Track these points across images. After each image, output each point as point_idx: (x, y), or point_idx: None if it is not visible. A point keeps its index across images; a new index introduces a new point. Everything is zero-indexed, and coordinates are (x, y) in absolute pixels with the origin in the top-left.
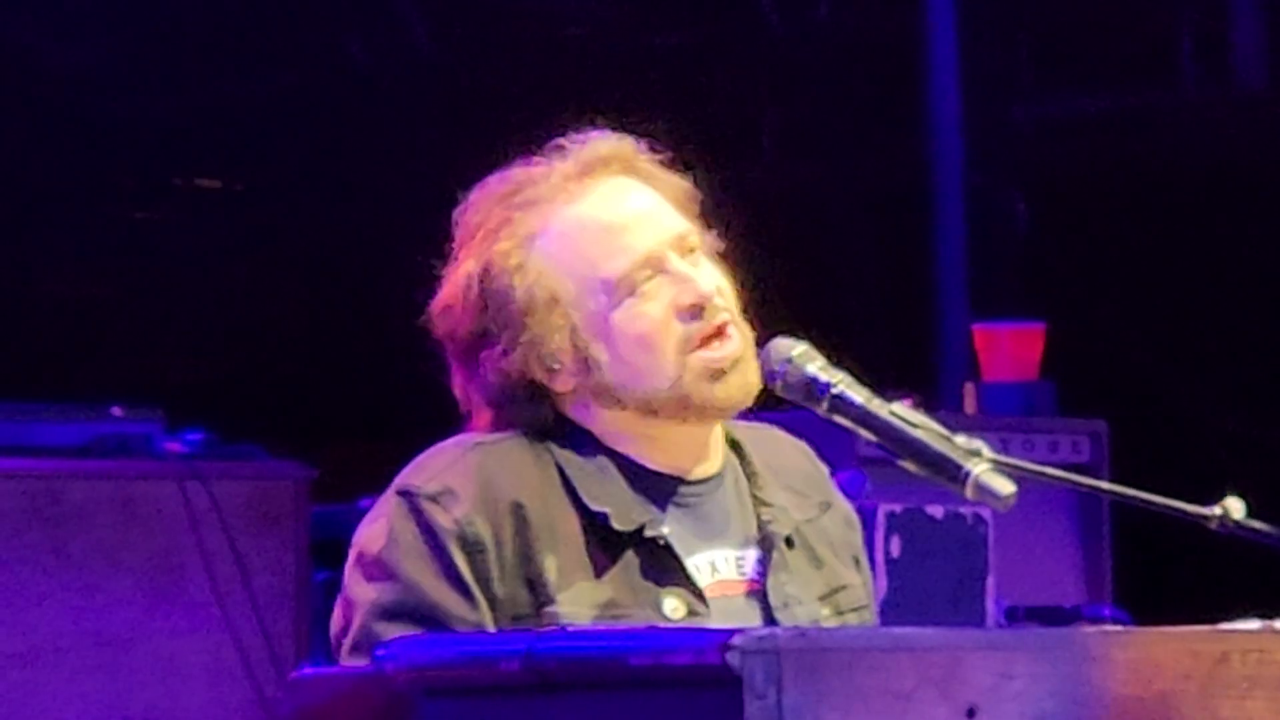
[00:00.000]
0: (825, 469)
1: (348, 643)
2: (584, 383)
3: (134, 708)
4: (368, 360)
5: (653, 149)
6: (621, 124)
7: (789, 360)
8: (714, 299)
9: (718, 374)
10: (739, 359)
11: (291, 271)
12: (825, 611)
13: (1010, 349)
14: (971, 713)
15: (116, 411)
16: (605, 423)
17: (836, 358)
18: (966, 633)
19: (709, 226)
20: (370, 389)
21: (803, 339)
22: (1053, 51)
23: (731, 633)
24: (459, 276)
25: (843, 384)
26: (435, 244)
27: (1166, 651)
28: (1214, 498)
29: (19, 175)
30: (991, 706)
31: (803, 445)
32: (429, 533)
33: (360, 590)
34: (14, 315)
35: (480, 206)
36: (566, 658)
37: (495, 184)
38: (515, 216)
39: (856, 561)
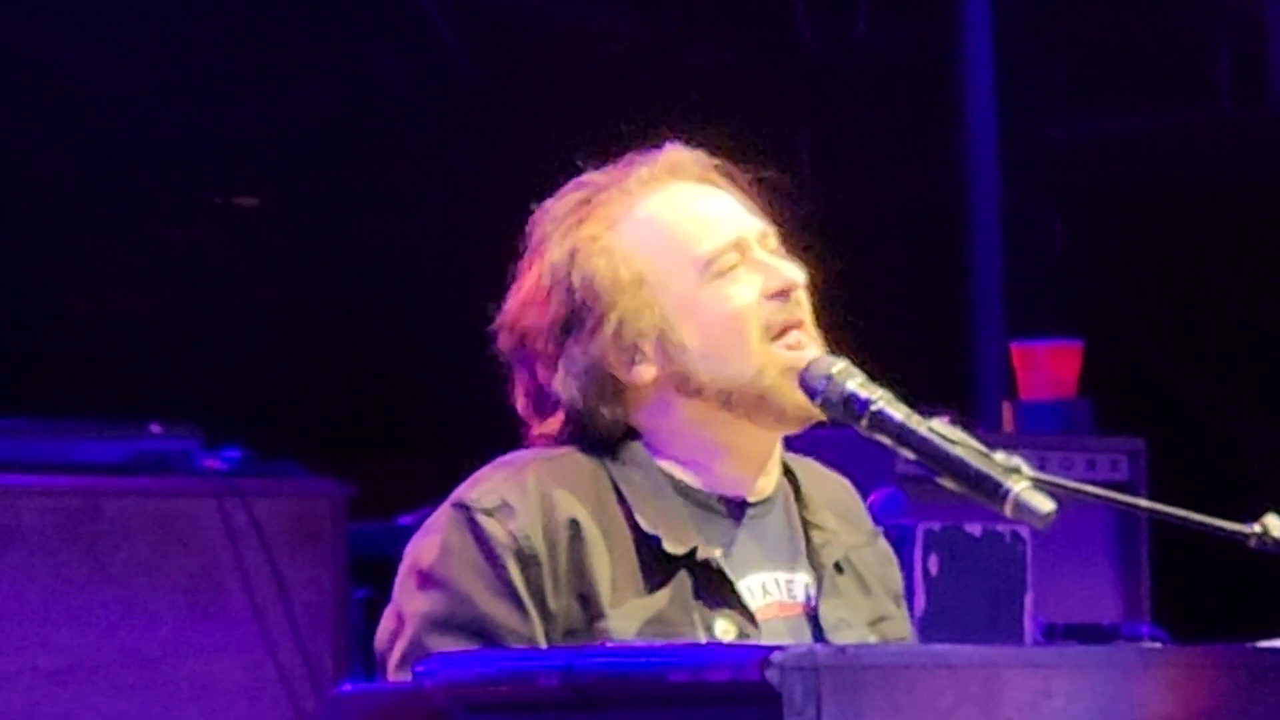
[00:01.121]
0: (863, 505)
1: (396, 654)
2: (665, 371)
3: None
4: (405, 377)
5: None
6: (659, 143)
7: (829, 377)
8: (799, 288)
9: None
10: None
11: (329, 289)
12: (873, 638)
13: (1048, 367)
14: None
15: (155, 429)
16: (678, 423)
17: (874, 375)
18: (1005, 650)
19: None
20: (408, 405)
21: (841, 356)
22: (1089, 70)
23: (771, 649)
24: (542, 268)
25: (882, 401)
26: (472, 260)
27: (1205, 670)
28: (1253, 515)
29: (57, 193)
30: None
31: (845, 480)
32: (484, 545)
33: (412, 602)
34: (53, 332)
35: (556, 210)
36: (606, 674)
37: (571, 189)
38: (596, 209)
39: (897, 599)
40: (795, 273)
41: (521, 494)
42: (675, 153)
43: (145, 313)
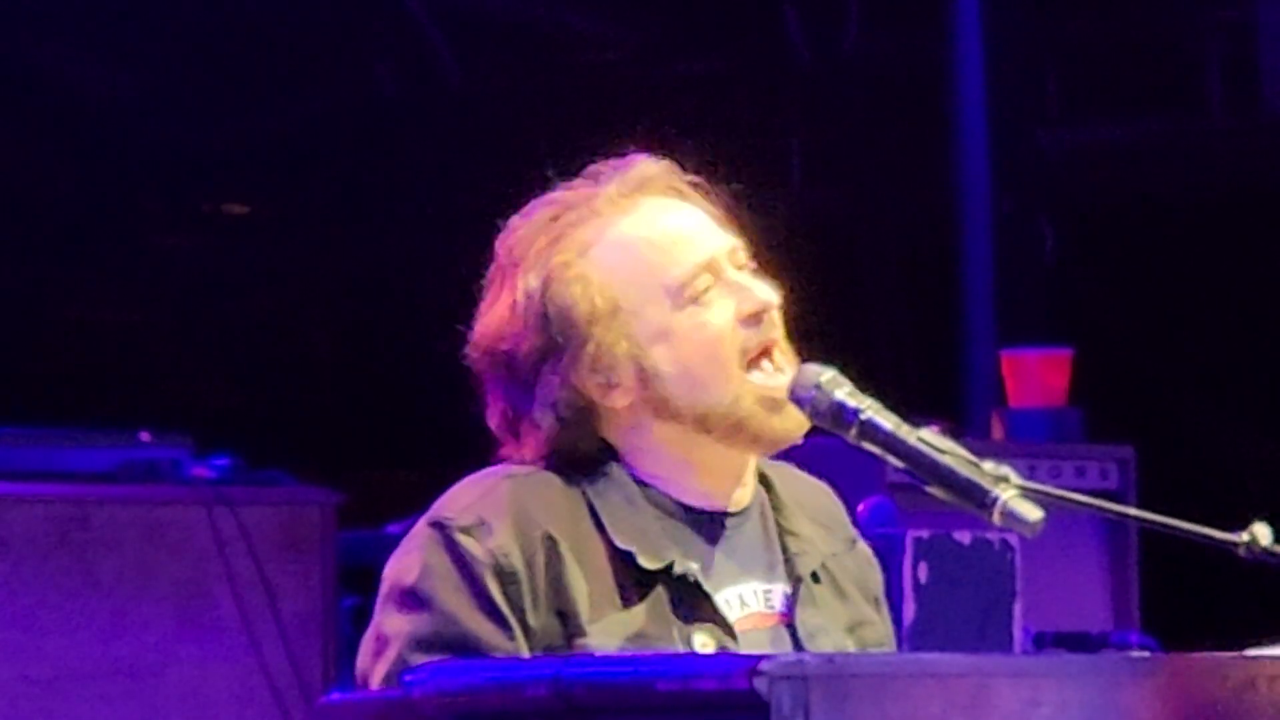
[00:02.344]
0: (844, 509)
1: (379, 674)
2: (642, 396)
3: None
4: (395, 386)
5: (692, 173)
6: (649, 152)
7: (817, 386)
8: (772, 309)
9: (776, 405)
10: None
11: (319, 298)
12: (850, 644)
13: (1038, 375)
14: None
15: (144, 437)
16: (653, 443)
17: (864, 384)
18: (994, 659)
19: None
20: (397, 415)
21: (831, 365)
22: (1080, 78)
23: (759, 659)
24: (516, 295)
25: (871, 410)
26: (463, 270)
27: (1194, 678)
28: (1241, 524)
29: (48, 201)
30: None
31: (824, 485)
32: (463, 564)
33: (394, 622)
34: (43, 340)
35: (527, 229)
36: (594, 683)
37: (540, 207)
38: (567, 232)
39: (877, 602)
40: (768, 293)
41: (498, 511)
42: (644, 165)
43: (135, 321)
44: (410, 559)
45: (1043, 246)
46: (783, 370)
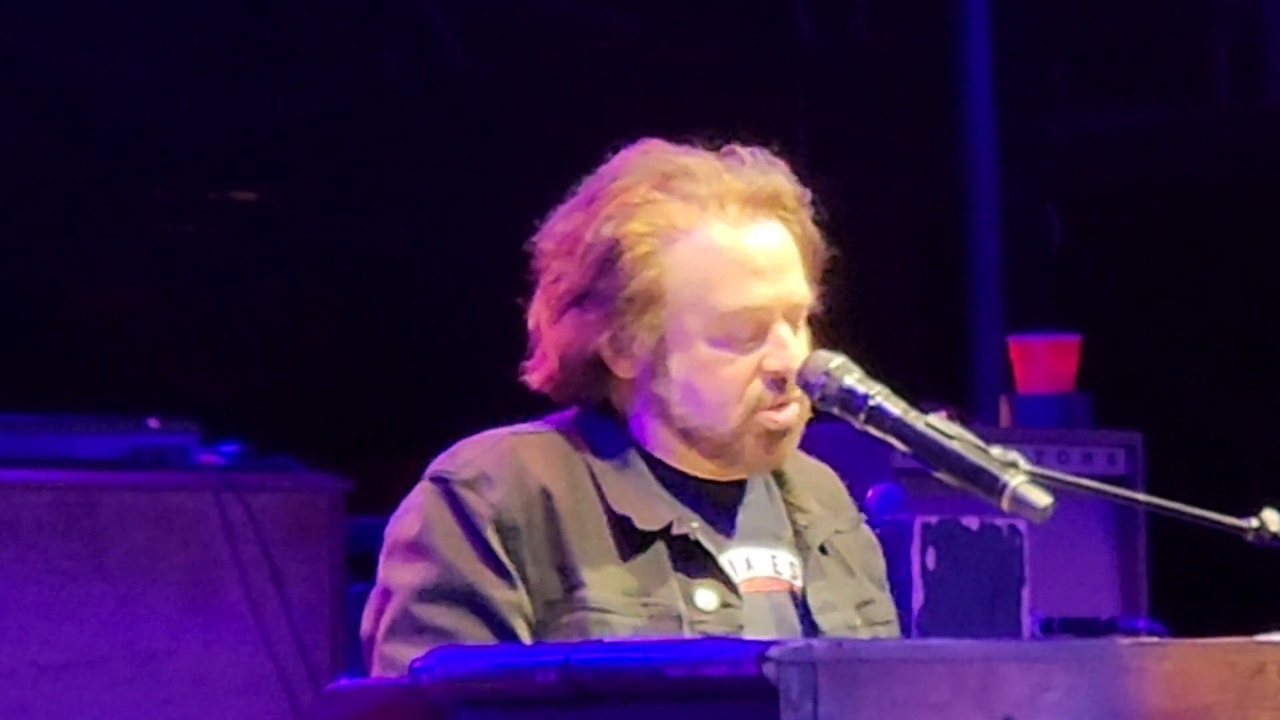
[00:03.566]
0: (847, 492)
1: (384, 625)
2: (645, 383)
3: (168, 718)
4: (402, 372)
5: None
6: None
7: (827, 372)
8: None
9: (775, 438)
10: (791, 428)
11: (326, 284)
12: (859, 621)
13: (1045, 361)
14: None
15: (152, 423)
16: (649, 420)
17: (872, 370)
18: (1002, 644)
19: (821, 284)
20: (405, 401)
21: (839, 352)
22: (1087, 65)
23: (768, 644)
24: (587, 231)
25: (880, 396)
26: (470, 256)
27: (1202, 664)
28: (1250, 509)
29: (55, 188)
30: (1028, 718)
31: (827, 468)
32: (464, 516)
33: (397, 575)
34: (51, 327)
35: (634, 169)
36: (603, 669)
37: (657, 155)
38: (663, 205)
39: (880, 584)
40: (797, 361)
41: (499, 467)
42: (775, 182)
43: (143, 308)
44: (411, 514)
45: (1050, 232)
46: (794, 411)
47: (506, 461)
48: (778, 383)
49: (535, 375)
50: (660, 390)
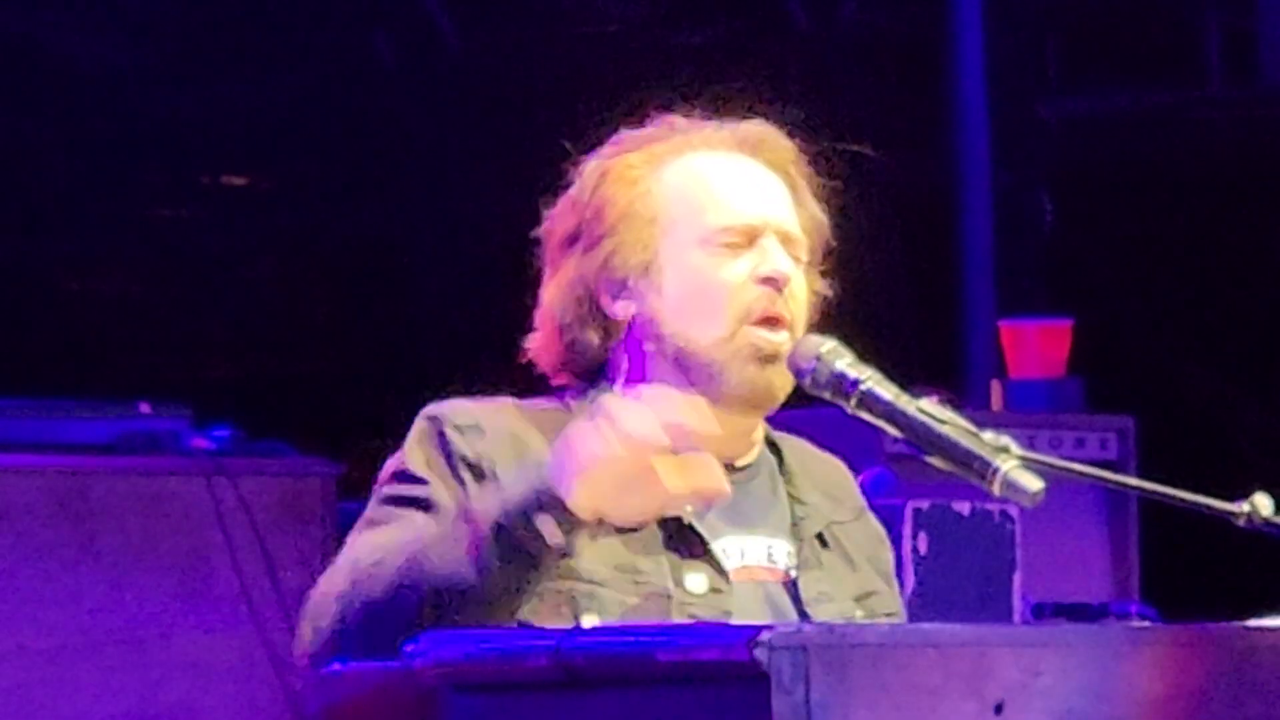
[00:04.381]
0: (855, 484)
1: (351, 538)
2: (640, 312)
3: (161, 704)
4: (395, 357)
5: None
6: (646, 120)
7: (818, 357)
8: (789, 287)
9: (765, 359)
10: (781, 354)
11: (319, 268)
12: (859, 613)
13: (1037, 346)
14: (999, 708)
15: (144, 408)
16: (646, 373)
17: (864, 355)
18: (994, 629)
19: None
20: (398, 386)
21: (831, 336)
22: (1079, 48)
23: (760, 629)
24: (578, 183)
25: (871, 380)
26: (463, 240)
27: (1194, 648)
28: (1242, 494)
29: (46, 174)
30: (1020, 703)
31: (837, 460)
32: (448, 455)
33: (374, 499)
34: (42, 312)
35: (626, 136)
36: (595, 654)
37: (650, 124)
38: (654, 143)
39: (887, 578)
40: (787, 268)
41: (495, 423)
42: (763, 130)
43: (134, 292)
44: (400, 451)
45: (1042, 216)
46: (786, 337)
47: (505, 423)
48: (769, 283)
49: (536, 345)
50: (654, 310)
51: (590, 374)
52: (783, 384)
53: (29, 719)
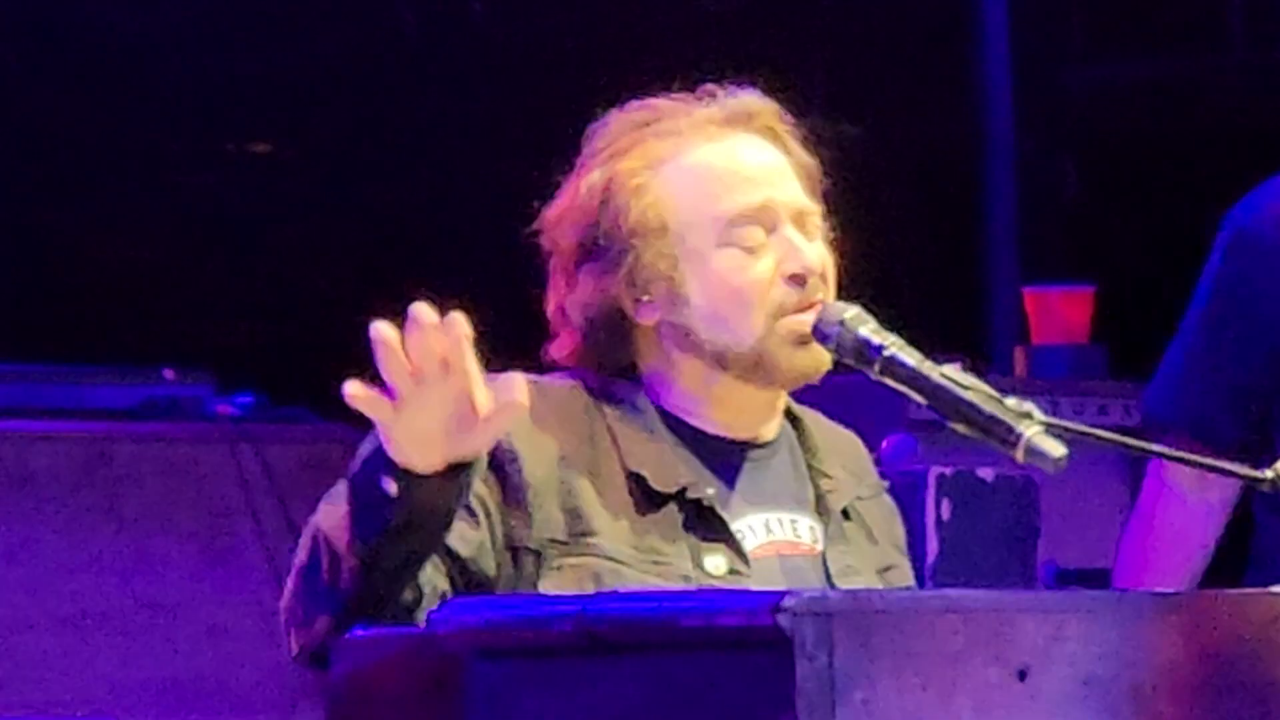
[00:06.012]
0: (870, 460)
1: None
2: (668, 319)
3: (184, 669)
4: None
5: (796, 123)
6: (671, 88)
7: (841, 323)
8: (817, 275)
9: (804, 340)
10: None
11: (342, 235)
12: (881, 586)
13: (1060, 312)
14: (1023, 674)
15: (167, 374)
16: (676, 373)
17: (886, 321)
18: (1018, 594)
19: (828, 213)
20: None
21: (854, 302)
22: (1103, 15)
23: (783, 594)
24: (580, 187)
25: (894, 346)
26: (485, 207)
27: (1217, 614)
28: (1266, 459)
29: (70, 139)
30: (1043, 668)
31: (853, 435)
32: None
33: None
34: (66, 278)
35: (615, 127)
36: (618, 619)
37: (635, 108)
38: (649, 141)
39: (900, 553)
40: (814, 258)
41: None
42: (749, 100)
43: (158, 259)
44: None
45: (1065, 183)
46: (815, 310)
47: (528, 403)
48: (797, 281)
49: (559, 350)
50: (685, 319)
51: (618, 370)
52: (822, 360)
53: (53, 685)
